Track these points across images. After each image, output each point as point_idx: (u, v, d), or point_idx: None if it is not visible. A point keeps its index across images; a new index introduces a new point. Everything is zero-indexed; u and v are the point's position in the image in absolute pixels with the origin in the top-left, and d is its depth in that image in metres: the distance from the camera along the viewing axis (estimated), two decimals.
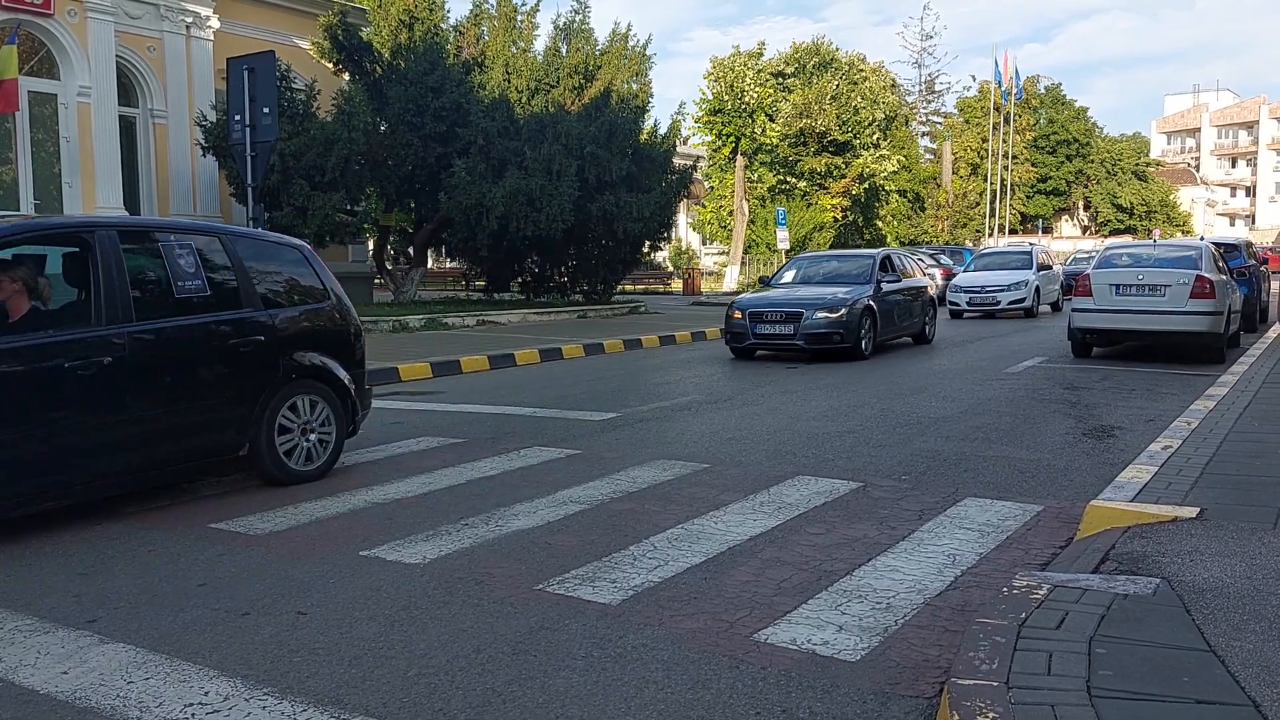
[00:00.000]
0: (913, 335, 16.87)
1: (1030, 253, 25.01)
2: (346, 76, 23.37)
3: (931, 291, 17.58)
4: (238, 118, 14.31)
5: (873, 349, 14.81)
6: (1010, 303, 23.14)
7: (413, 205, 24.67)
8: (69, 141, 17.80)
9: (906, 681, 3.66)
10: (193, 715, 3.42)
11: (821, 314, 14.12)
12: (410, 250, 26.50)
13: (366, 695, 3.57)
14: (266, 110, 14.04)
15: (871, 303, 14.71)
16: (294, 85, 20.76)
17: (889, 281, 15.54)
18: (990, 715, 3.03)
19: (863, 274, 15.49)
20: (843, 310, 14.20)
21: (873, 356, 14.92)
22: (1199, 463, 6.69)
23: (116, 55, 18.61)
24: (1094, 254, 32.84)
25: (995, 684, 3.25)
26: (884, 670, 3.76)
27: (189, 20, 20.62)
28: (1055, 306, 25.75)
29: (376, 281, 27.13)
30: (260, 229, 13.39)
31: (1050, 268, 25.36)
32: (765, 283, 16.76)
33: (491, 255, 24.19)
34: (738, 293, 33.96)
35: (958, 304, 23.69)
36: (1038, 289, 23.71)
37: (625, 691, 3.59)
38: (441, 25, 24.22)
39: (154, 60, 20.25)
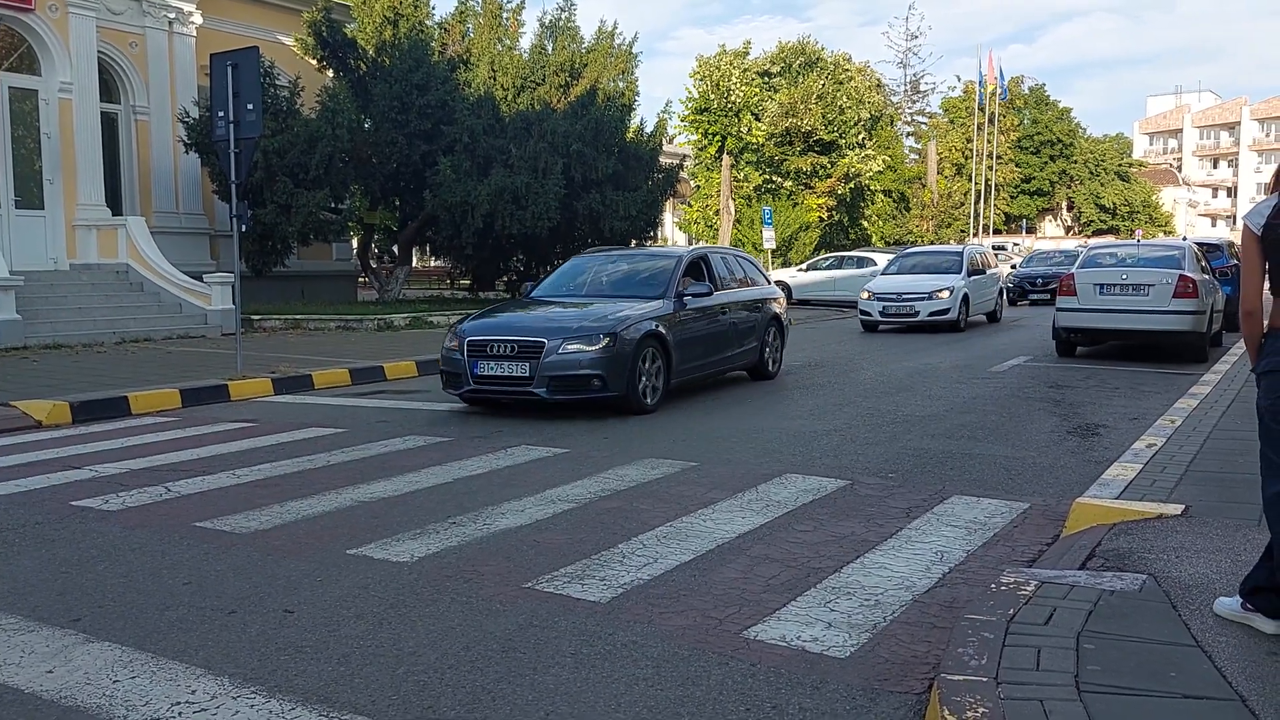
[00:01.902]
0: (746, 367, 12.32)
1: (961, 254, 21.38)
2: (330, 73, 23.26)
3: (780, 308, 12.89)
4: (221, 114, 14.20)
5: (660, 396, 10.05)
6: (931, 314, 19.47)
7: (397, 203, 24.58)
8: (50, 138, 17.66)
9: (895, 678, 3.67)
10: (180, 714, 3.40)
11: (573, 346, 9.34)
12: (395, 249, 26.41)
13: (355, 693, 3.55)
14: (250, 106, 13.93)
15: (660, 328, 10.04)
16: (278, 82, 20.67)
17: (696, 295, 10.85)
18: (980, 711, 3.03)
19: (656, 283, 10.90)
20: (604, 340, 9.38)
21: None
22: (1183, 460, 6.73)
23: (98, 51, 18.47)
24: (1055, 254, 32.49)
25: (984, 680, 3.26)
26: (873, 666, 3.76)
27: (171, 16, 20.49)
28: (993, 317, 22.30)
29: (361, 280, 27.05)
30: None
31: (985, 271, 21.77)
32: (526, 294, 12.01)
33: (477, 254, 24.13)
34: None
35: (869, 314, 20.08)
36: (966, 297, 20.05)
37: (615, 688, 3.58)
38: (426, 22, 24.13)
39: (136, 56, 20.12)
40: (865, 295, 20.31)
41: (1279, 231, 3.55)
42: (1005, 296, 29.95)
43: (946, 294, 19.57)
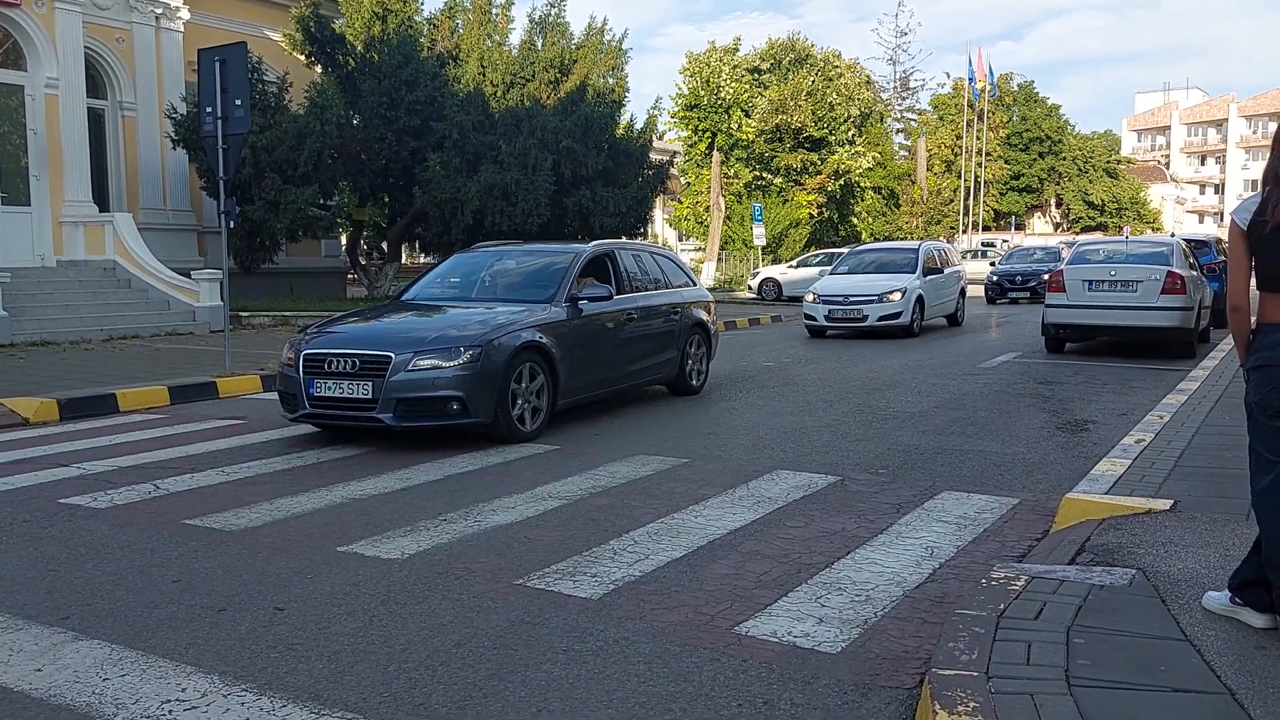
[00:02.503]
0: (663, 381, 10.73)
1: (916, 251, 19.46)
2: (319, 69, 23.19)
3: (707, 313, 11.36)
4: (209, 110, 14.14)
5: (545, 420, 8.48)
6: (881, 318, 17.68)
7: (386, 199, 24.54)
8: (36, 134, 17.56)
9: (887, 673, 3.68)
10: (170, 712, 3.39)
11: (426, 361, 7.79)
12: (384, 245, 26.35)
13: (346, 690, 3.54)
14: (239, 102, 13.88)
15: (543, 338, 8.47)
16: (266, 78, 20.59)
17: (594, 299, 9.22)
18: (971, 705, 3.04)
19: (545, 284, 9.30)
20: (466, 354, 7.84)
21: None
22: (1171, 456, 6.76)
23: (85, 47, 18.37)
24: (1035, 251, 31.78)
25: (975, 674, 3.27)
26: (864, 661, 3.77)
27: (158, 11, 20.40)
28: (954, 320, 20.51)
29: (350, 277, 26.98)
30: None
31: (942, 270, 19.65)
32: (397, 296, 10.52)
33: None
34: (714, 289, 34.01)
35: (814, 318, 18.24)
36: (920, 299, 18.17)
37: (607, 684, 3.58)
38: (415, 18, 24.07)
39: (123, 52, 20.02)
40: (810, 297, 18.49)
41: (1265, 228, 3.57)
42: (986, 294, 29.30)
43: (898, 296, 17.72)
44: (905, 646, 3.91)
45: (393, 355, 7.81)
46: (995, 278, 29.76)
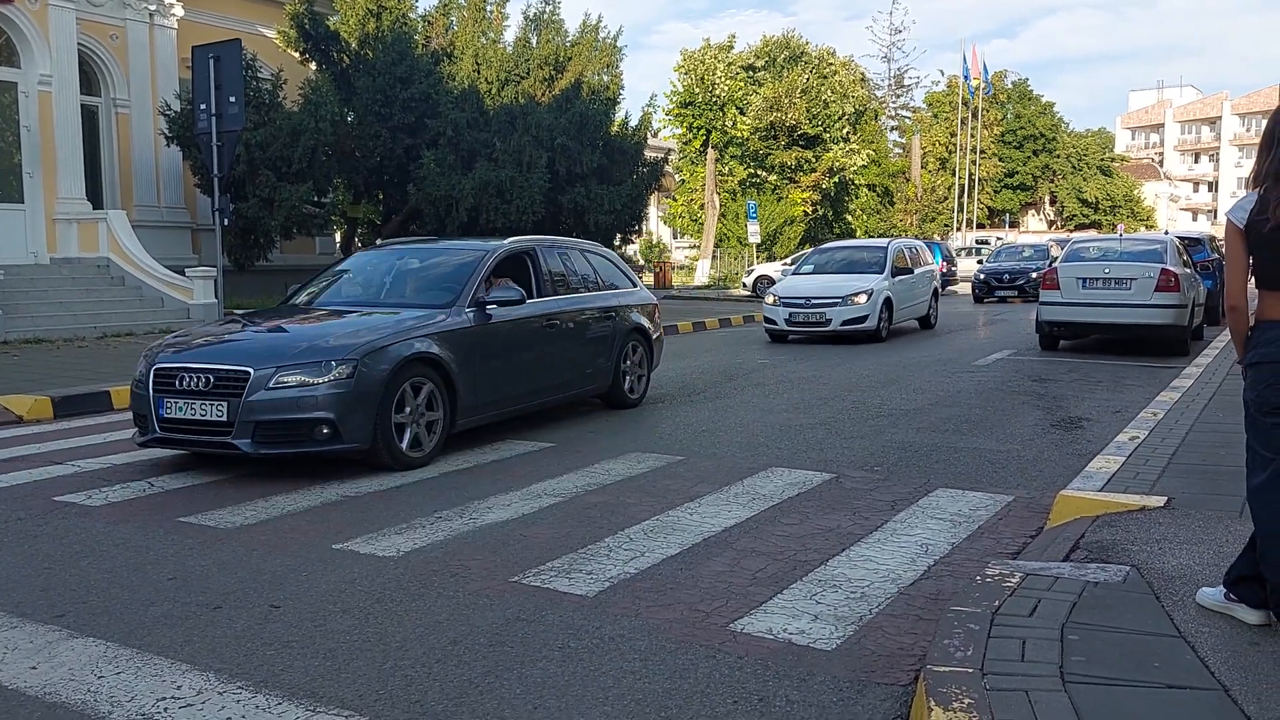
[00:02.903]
0: (595, 394, 9.70)
1: (884, 250, 18.06)
2: (313, 66, 23.16)
3: (648, 318, 10.39)
4: (203, 106, 14.13)
5: (440, 444, 7.43)
6: (845, 322, 16.30)
7: (381, 197, 24.51)
8: (29, 131, 17.51)
9: (882, 669, 3.69)
10: (165, 709, 3.38)
11: (291, 378, 6.71)
12: (378, 242, 26.32)
13: (342, 688, 3.54)
14: (233, 99, 13.87)
15: (438, 348, 7.41)
16: (260, 75, 20.55)
17: (505, 303, 8.19)
18: (966, 701, 3.05)
19: (448, 287, 8.24)
20: (338, 368, 6.77)
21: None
22: (1165, 453, 6.78)
23: (78, 43, 18.32)
24: (1024, 249, 31.16)
25: (970, 671, 3.28)
26: (860, 658, 3.78)
27: (152, 8, 20.35)
28: (926, 322, 19.30)
29: None
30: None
31: (913, 270, 18.34)
32: (285, 300, 9.29)
33: None
34: (708, 286, 34.02)
35: (774, 323, 16.85)
36: (889, 301, 16.89)
37: (603, 682, 3.59)
38: (410, 15, 24.04)
39: (117, 48, 19.97)
40: (770, 300, 17.16)
41: (1265, 226, 3.58)
42: (973, 293, 28.69)
43: (863, 298, 16.41)
44: (900, 643, 3.92)
45: (251, 370, 6.71)
46: (982, 276, 28.96)
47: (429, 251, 9.19)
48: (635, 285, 10.59)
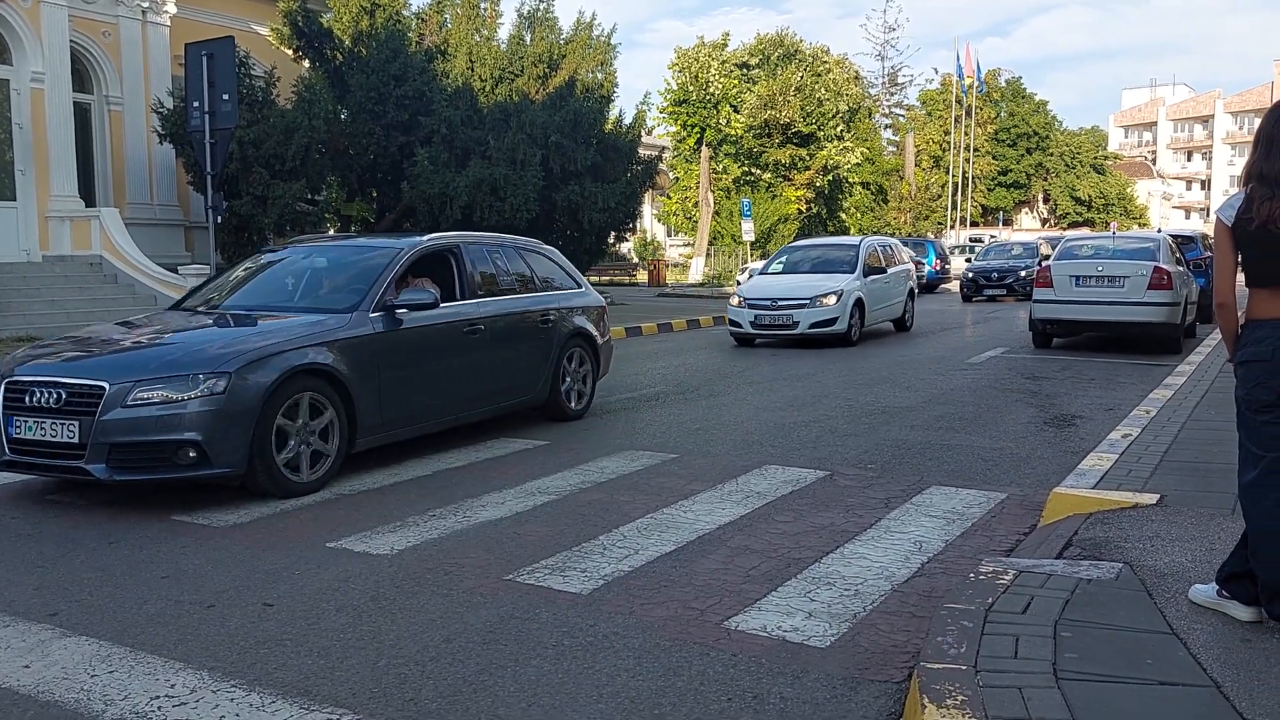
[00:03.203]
0: (535, 405, 8.86)
1: (857, 248, 16.94)
2: (306, 64, 23.10)
3: (592, 321, 9.48)
4: (196, 104, 14.11)
5: (335, 467, 6.61)
6: (814, 325, 15.15)
7: (375, 195, 24.46)
8: (21, 128, 17.45)
9: (875, 666, 3.69)
10: (159, 708, 3.38)
11: (151, 394, 5.90)
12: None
13: (336, 686, 3.54)
14: (226, 97, 13.85)
15: (331, 358, 6.59)
16: (253, 72, 20.49)
17: (417, 307, 7.35)
18: (959, 698, 3.06)
19: (353, 289, 7.40)
20: (208, 382, 5.97)
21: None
22: (1158, 450, 6.80)
23: (70, 40, 18.25)
24: (1013, 247, 30.16)
25: (963, 668, 3.29)
26: (853, 656, 3.79)
27: (145, 5, 20.29)
28: (901, 325, 18.13)
29: None
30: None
31: (886, 270, 17.22)
32: (175, 306, 8.29)
33: None
34: (703, 284, 34.02)
35: (739, 325, 15.73)
36: (860, 303, 15.75)
37: (596, 679, 3.59)
38: (403, 12, 23.99)
39: (109, 46, 19.91)
40: (736, 301, 16.06)
41: (1251, 225, 3.59)
42: (961, 292, 27.72)
43: (833, 299, 15.25)
44: (894, 640, 3.93)
45: (106, 385, 5.88)
46: (970, 274, 27.87)
47: (339, 250, 8.33)
48: (580, 286, 9.73)
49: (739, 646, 3.87)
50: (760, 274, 17.74)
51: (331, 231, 25.62)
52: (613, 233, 26.28)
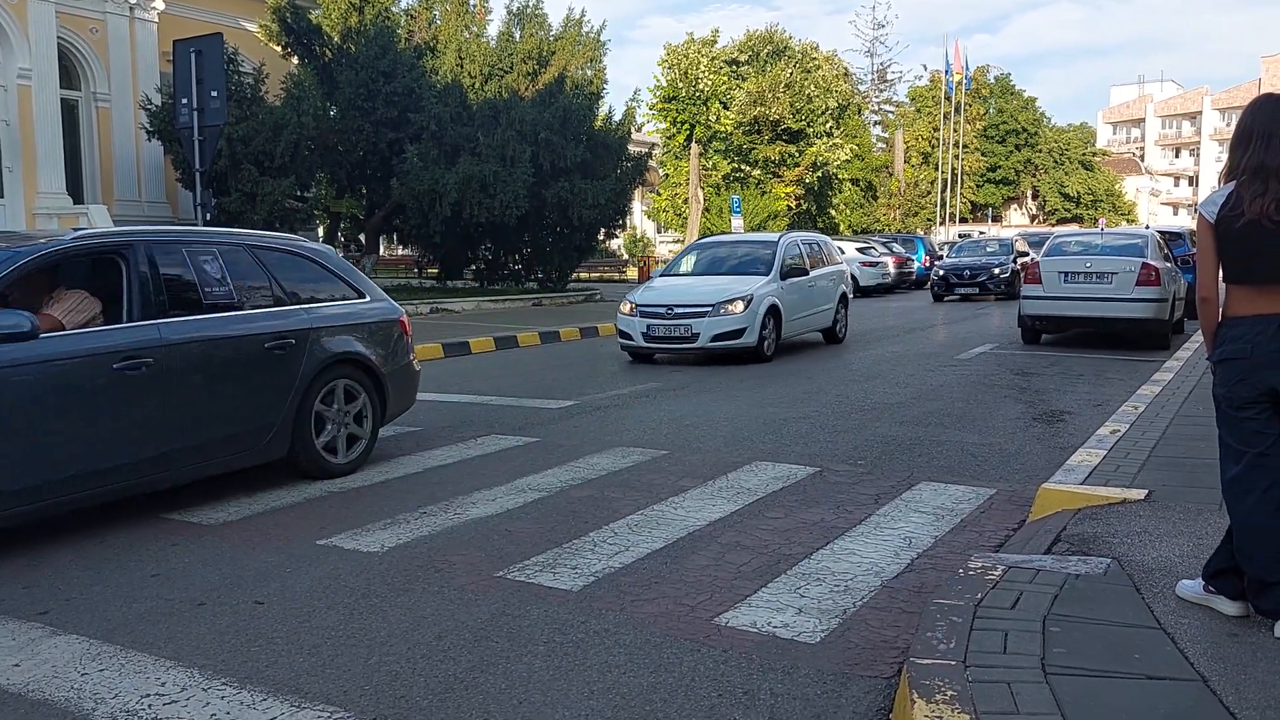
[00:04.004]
0: (268, 460, 6.52)
1: (775, 245, 14.30)
2: (295, 60, 23.06)
3: (377, 347, 7.06)
4: (185, 101, 14.06)
5: None
6: (716, 337, 12.64)
7: (364, 191, 24.45)
8: (9, 125, 17.38)
9: (865, 662, 3.71)
10: (149, 706, 3.38)
11: None
12: (362, 237, 26.26)
13: (327, 684, 3.54)
14: (215, 94, 13.81)
15: None
16: (242, 69, 20.44)
17: (10, 338, 5.04)
18: (949, 694, 3.07)
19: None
20: None
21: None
22: (1146, 446, 6.82)
23: (58, 37, 18.19)
24: (989, 242, 28.71)
25: (953, 663, 3.30)
26: (843, 651, 3.80)
27: (133, 2, 20.21)
28: (832, 335, 15.41)
29: None
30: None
31: (808, 272, 14.45)
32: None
33: (445, 242, 24.05)
34: None
35: (630, 337, 13.14)
36: (775, 310, 13.29)
37: (587, 676, 3.60)
38: (393, 9, 23.98)
39: (96, 42, 19.82)
40: (626, 308, 13.37)
41: (1237, 222, 3.60)
42: (931, 291, 26.05)
43: (739, 306, 12.78)
44: (884, 636, 3.95)
45: None
46: (941, 272, 26.02)
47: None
48: (361, 296, 7.34)
49: (730, 643, 3.88)
50: (663, 275, 14.99)
51: (320, 230, 25.59)
52: (602, 229, 26.29)
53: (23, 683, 3.57)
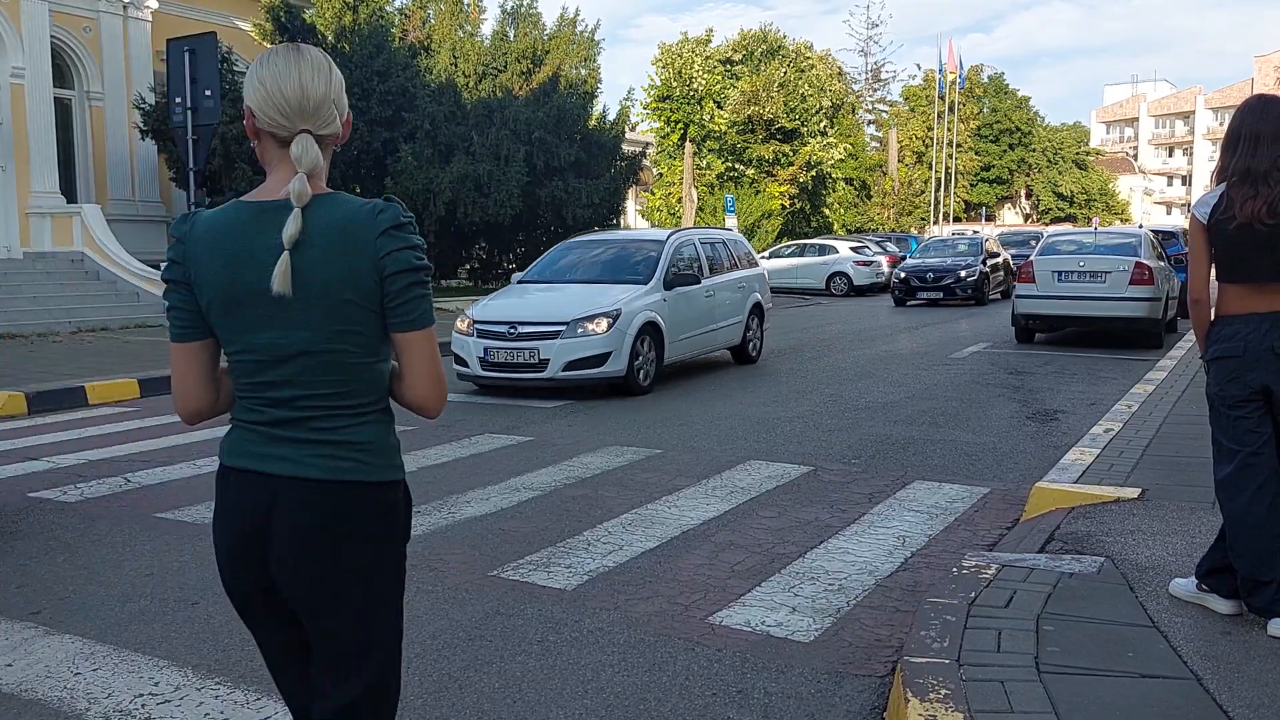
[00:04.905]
0: None
1: (663, 244, 11.62)
2: None
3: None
4: (178, 100, 14.03)
5: None
6: (572, 364, 9.93)
7: (358, 190, 24.35)
8: (1, 124, 17.32)
9: (859, 661, 3.71)
10: (143, 706, 3.37)
11: None
12: None
13: None
14: (208, 93, 13.78)
15: None
16: (235, 68, 20.39)
17: None
18: (942, 693, 3.08)
19: None
20: None
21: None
22: (1139, 445, 6.84)
23: (51, 35, 18.12)
24: (955, 242, 26.09)
25: (947, 662, 3.31)
26: (837, 650, 3.80)
27: (126, 0, 20.15)
28: (743, 355, 12.88)
29: None
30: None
31: (699, 280, 11.66)
32: None
33: (439, 241, 23.99)
34: None
35: (466, 363, 10.40)
36: (654, 328, 10.60)
37: (582, 675, 3.60)
38: (387, 8, 23.93)
39: (90, 41, 19.76)
40: (463, 324, 10.57)
41: (1231, 224, 3.61)
42: (892, 295, 23.61)
43: (603, 325, 9.98)
44: (877, 635, 3.95)
45: None
46: (902, 274, 23.46)
47: None
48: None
49: (723, 641, 3.88)
50: (522, 280, 12.02)
51: None
52: (596, 228, 26.24)
53: (16, 683, 3.56)
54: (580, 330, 10.00)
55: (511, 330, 10.16)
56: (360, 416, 1.93)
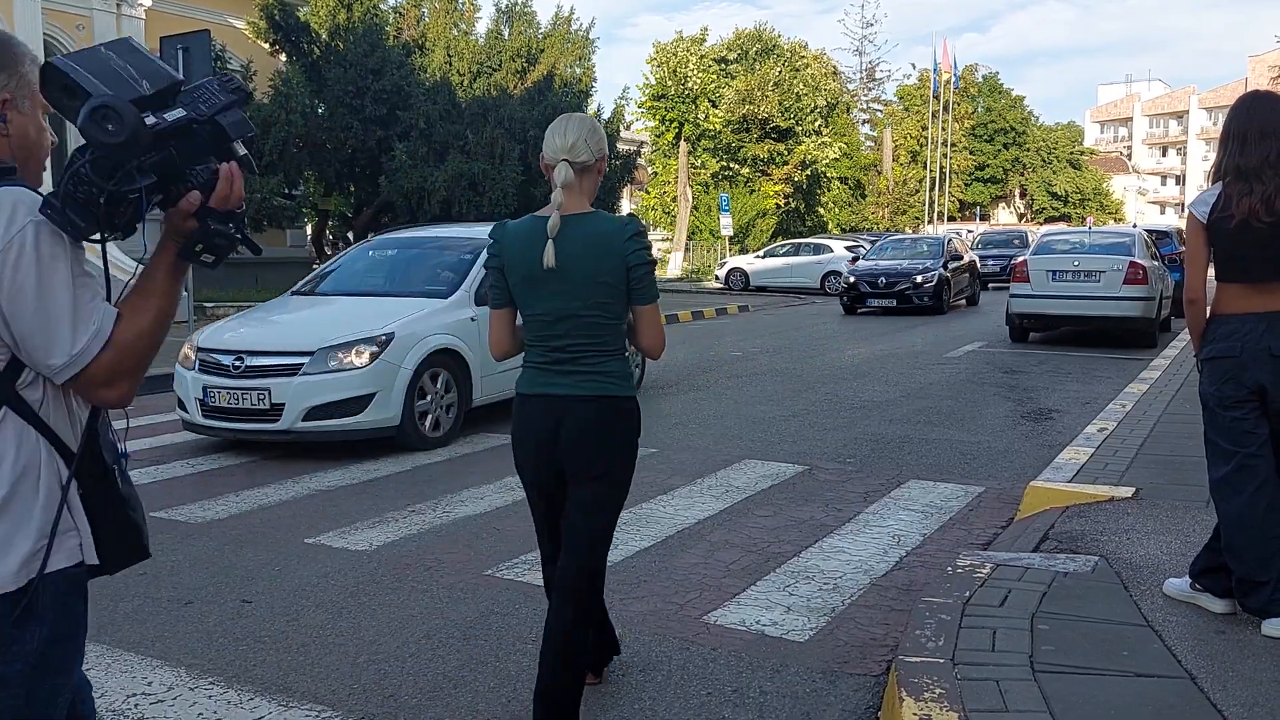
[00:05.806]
0: None
1: (480, 244, 8.33)
2: (283, 57, 22.94)
3: None
4: None
5: None
6: (315, 411, 7.16)
7: (352, 189, 24.34)
8: None
9: (854, 660, 3.71)
10: (136, 705, 3.36)
11: None
12: (350, 235, 26.11)
13: (315, 682, 3.53)
14: None
15: None
16: (229, 66, 20.36)
17: None
18: (937, 692, 3.08)
19: None
20: None
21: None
22: (1134, 444, 6.85)
23: (43, 33, 18.06)
24: (915, 242, 23.01)
25: (941, 661, 3.31)
26: (832, 649, 3.80)
27: None
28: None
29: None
30: None
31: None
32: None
33: None
34: (681, 279, 34.06)
35: (185, 409, 7.65)
36: (454, 357, 7.92)
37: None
38: (381, 6, 23.85)
39: (83, 39, 19.69)
40: (185, 357, 7.76)
41: (1230, 223, 3.61)
42: (841, 301, 20.99)
43: (364, 357, 7.35)
44: (873, 634, 3.95)
45: None
46: (852, 279, 20.88)
47: None
48: None
49: (718, 641, 3.88)
50: (294, 293, 9.39)
51: (308, 227, 25.51)
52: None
53: None
54: (331, 363, 7.26)
55: (238, 363, 7.32)
56: (610, 357, 3.01)
